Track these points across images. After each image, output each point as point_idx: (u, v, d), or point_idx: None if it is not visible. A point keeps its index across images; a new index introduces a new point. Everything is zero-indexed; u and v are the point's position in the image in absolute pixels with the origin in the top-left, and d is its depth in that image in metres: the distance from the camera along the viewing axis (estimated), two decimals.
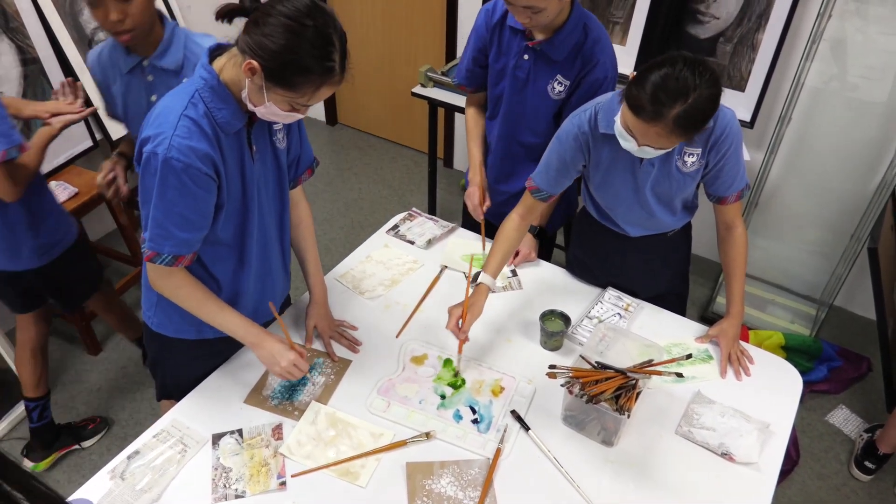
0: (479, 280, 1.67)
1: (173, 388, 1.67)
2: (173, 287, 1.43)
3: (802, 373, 2.68)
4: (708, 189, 1.67)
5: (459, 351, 1.64)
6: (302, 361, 1.49)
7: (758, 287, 3.14)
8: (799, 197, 2.87)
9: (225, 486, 1.39)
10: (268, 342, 1.48)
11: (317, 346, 1.70)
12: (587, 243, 1.93)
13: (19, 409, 2.49)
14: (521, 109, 1.92)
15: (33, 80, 2.59)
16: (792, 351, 2.72)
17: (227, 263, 1.52)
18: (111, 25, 1.61)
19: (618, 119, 1.45)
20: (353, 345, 1.70)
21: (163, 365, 1.72)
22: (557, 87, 1.83)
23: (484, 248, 2.02)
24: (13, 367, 2.41)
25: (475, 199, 2.03)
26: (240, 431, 1.49)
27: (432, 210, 3.36)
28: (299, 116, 1.33)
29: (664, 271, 1.92)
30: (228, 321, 1.47)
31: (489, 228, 2.03)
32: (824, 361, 2.74)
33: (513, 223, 1.73)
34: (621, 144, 1.48)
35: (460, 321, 1.62)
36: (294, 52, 1.19)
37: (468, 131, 2.11)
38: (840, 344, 2.84)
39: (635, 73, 1.39)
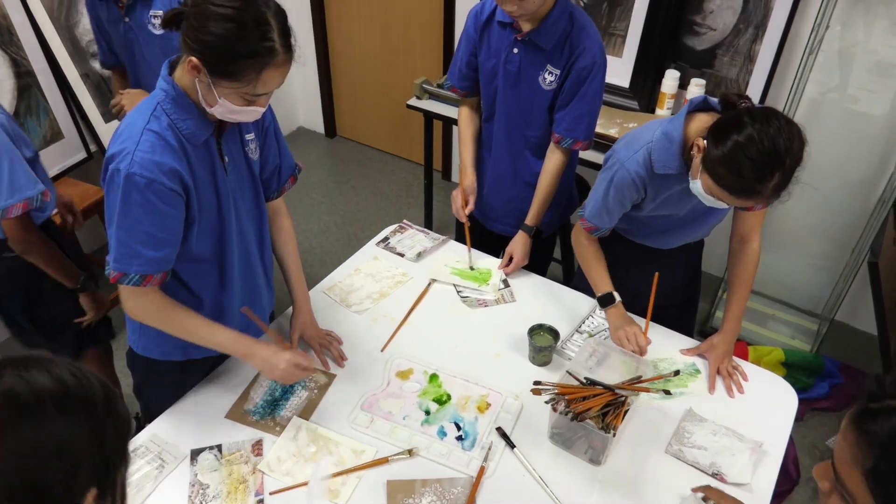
0: (615, 299, 1.73)
1: (160, 412, 1.63)
2: (152, 310, 1.38)
3: (803, 389, 2.66)
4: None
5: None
6: (301, 358, 1.45)
7: (758, 301, 3.09)
8: (799, 210, 2.83)
9: (201, 502, 1.35)
10: (260, 350, 1.44)
11: None
12: (611, 261, 1.86)
13: None
14: (517, 104, 1.92)
15: (27, 93, 2.59)
16: (792, 367, 2.67)
17: (208, 280, 1.49)
18: None
19: (699, 185, 1.42)
20: (339, 358, 1.66)
21: (149, 388, 1.68)
22: (549, 77, 1.83)
23: (469, 251, 1.99)
24: None
25: (458, 202, 2.02)
26: (219, 447, 1.46)
27: (428, 223, 3.34)
28: (259, 110, 1.29)
29: (683, 278, 1.91)
30: (216, 336, 1.43)
31: (479, 234, 2.04)
32: (825, 378, 2.68)
33: (593, 246, 1.77)
34: (705, 202, 1.46)
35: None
36: (226, 39, 1.16)
37: (460, 134, 2.11)
38: (842, 360, 2.79)
39: (710, 141, 1.35)
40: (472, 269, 1.96)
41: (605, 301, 1.74)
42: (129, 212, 1.25)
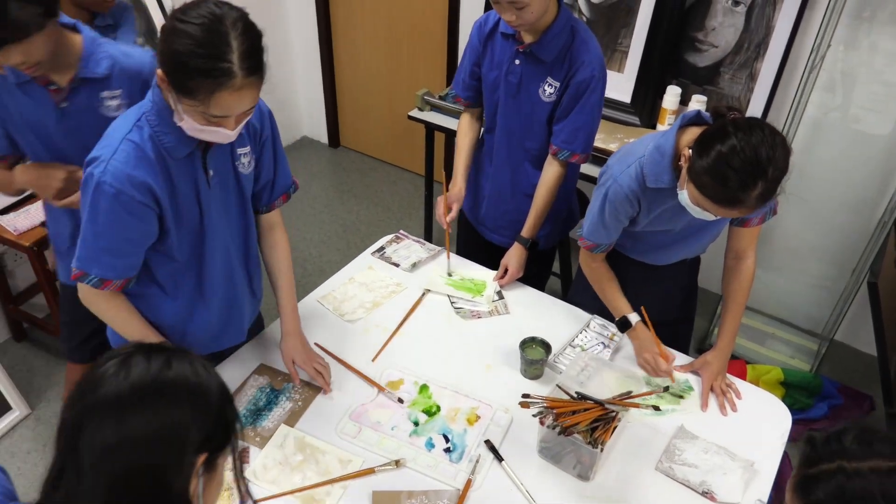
0: (631, 322, 1.69)
1: None
2: (103, 308, 1.41)
3: (802, 410, 2.62)
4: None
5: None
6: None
7: (757, 320, 3.07)
8: (800, 229, 2.82)
9: None
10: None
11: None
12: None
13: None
14: (517, 115, 1.93)
15: None
16: (791, 387, 2.64)
17: (185, 283, 1.48)
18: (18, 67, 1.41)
19: (685, 196, 1.42)
20: (326, 385, 1.59)
21: None
22: (549, 89, 1.84)
23: (449, 258, 2.00)
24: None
25: (440, 208, 2.01)
26: None
27: (428, 234, 3.34)
28: (227, 133, 1.24)
29: (679, 295, 1.89)
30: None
31: (476, 244, 2.04)
32: (825, 398, 2.65)
33: (601, 266, 1.75)
34: (692, 213, 1.45)
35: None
36: (183, 55, 1.14)
37: (457, 142, 2.12)
38: (841, 381, 2.76)
39: (695, 151, 1.35)
40: (450, 275, 1.96)
41: (622, 326, 1.73)
42: (96, 218, 1.27)
